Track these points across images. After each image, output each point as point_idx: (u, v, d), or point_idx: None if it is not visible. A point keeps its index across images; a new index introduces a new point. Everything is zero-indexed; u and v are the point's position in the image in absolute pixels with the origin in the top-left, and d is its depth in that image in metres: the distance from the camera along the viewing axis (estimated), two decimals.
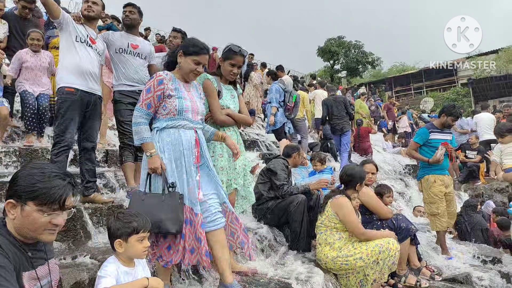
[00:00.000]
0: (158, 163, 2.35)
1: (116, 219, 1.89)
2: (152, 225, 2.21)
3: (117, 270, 1.81)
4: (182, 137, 2.46)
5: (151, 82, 2.47)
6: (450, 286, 3.77)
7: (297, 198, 3.70)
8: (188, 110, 2.50)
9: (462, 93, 26.56)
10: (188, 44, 2.54)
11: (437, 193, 4.59)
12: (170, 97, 2.45)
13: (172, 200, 2.30)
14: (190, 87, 2.63)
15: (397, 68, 41.82)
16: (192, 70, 2.52)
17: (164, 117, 2.48)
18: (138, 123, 2.43)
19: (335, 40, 34.62)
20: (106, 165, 4.70)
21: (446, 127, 4.76)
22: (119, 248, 1.85)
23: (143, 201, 2.32)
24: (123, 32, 3.85)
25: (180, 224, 2.28)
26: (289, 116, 6.87)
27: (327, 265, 3.25)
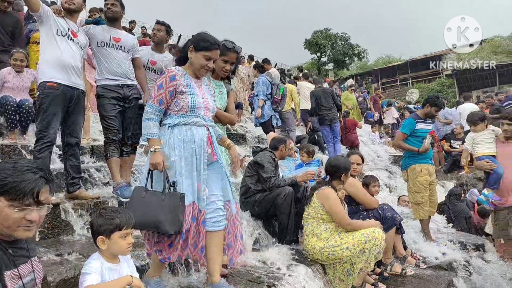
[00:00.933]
0: (160, 159, 2.29)
1: (98, 216, 1.86)
2: (150, 225, 2.21)
3: (101, 267, 1.79)
4: (195, 135, 2.42)
5: (163, 78, 2.43)
6: (434, 273, 3.86)
7: (284, 191, 3.72)
8: (200, 107, 2.46)
9: (447, 84, 26.97)
10: (199, 39, 2.48)
11: (423, 182, 4.68)
12: (182, 93, 2.41)
13: (172, 201, 2.23)
14: (201, 83, 2.59)
15: (383, 60, 42.21)
16: (203, 66, 2.47)
17: (176, 114, 2.43)
18: (148, 118, 2.38)
19: (321, 32, 34.69)
20: (92, 160, 4.64)
21: (430, 117, 4.88)
22: (102, 245, 1.82)
23: (143, 198, 2.28)
24: (105, 25, 3.78)
25: (179, 225, 2.22)
26: (277, 108, 6.89)
27: (315, 256, 3.28)
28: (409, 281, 3.60)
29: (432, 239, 4.80)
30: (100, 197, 3.39)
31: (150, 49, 4.25)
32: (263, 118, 6.70)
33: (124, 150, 3.75)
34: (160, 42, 4.26)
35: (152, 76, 4.17)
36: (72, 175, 3.28)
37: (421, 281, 3.60)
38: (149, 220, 2.21)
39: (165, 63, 4.24)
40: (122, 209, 1.96)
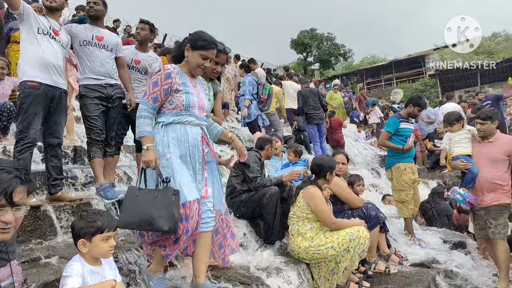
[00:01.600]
0: (152, 157, 2.26)
1: (79, 218, 1.83)
2: (145, 223, 2.17)
3: (83, 269, 1.76)
4: (188, 134, 2.41)
5: (158, 75, 2.41)
6: (417, 271, 3.92)
7: (270, 190, 3.72)
8: (195, 106, 2.45)
9: (430, 84, 27.41)
10: (196, 38, 2.47)
11: (407, 181, 4.78)
12: (177, 91, 2.41)
13: (165, 196, 2.20)
14: (197, 82, 2.58)
15: (368, 60, 42.67)
16: (200, 65, 2.47)
17: (170, 112, 2.43)
18: (142, 116, 2.38)
19: (307, 32, 34.84)
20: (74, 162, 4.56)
21: (412, 117, 5.04)
22: (83, 248, 1.79)
23: (136, 197, 2.24)
24: (87, 24, 3.72)
25: (174, 221, 2.17)
26: (263, 108, 6.90)
27: (300, 255, 3.30)
28: (392, 279, 3.65)
29: (415, 237, 4.89)
30: (83, 198, 3.33)
31: (134, 48, 4.20)
32: (250, 118, 6.71)
33: (107, 151, 3.70)
34: (144, 41, 4.21)
35: (136, 76, 4.13)
36: (54, 176, 3.22)
37: (404, 279, 3.65)
38: (143, 219, 2.18)
39: (150, 63, 4.21)
40: (104, 211, 1.93)
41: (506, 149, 3.85)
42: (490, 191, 3.87)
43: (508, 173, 3.86)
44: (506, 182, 3.84)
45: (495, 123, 3.94)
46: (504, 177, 3.84)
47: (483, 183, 3.92)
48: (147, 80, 4.26)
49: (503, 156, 3.85)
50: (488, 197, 3.89)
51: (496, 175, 3.85)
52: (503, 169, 3.85)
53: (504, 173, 3.85)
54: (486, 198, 3.89)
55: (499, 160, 3.86)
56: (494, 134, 3.97)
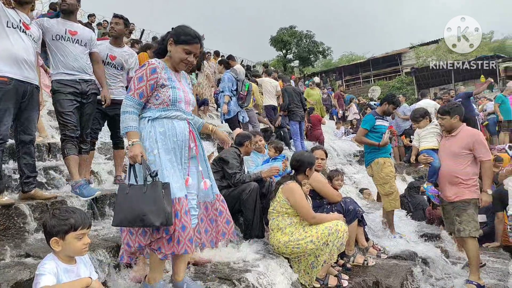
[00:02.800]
0: (138, 151, 2.21)
1: (52, 216, 1.78)
2: (135, 219, 2.12)
3: (56, 268, 1.72)
4: (176, 128, 2.38)
5: (143, 70, 2.36)
6: (394, 263, 4.01)
7: (249, 186, 3.72)
8: (181, 101, 2.43)
9: (406, 82, 28.00)
10: (180, 32, 2.42)
11: (389, 173, 4.89)
12: (163, 86, 2.37)
13: (154, 191, 2.14)
14: (181, 76, 2.55)
15: (346, 57, 43.22)
16: (183, 60, 2.43)
17: (156, 107, 2.38)
18: (126, 111, 2.31)
19: (287, 29, 34.95)
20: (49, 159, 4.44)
21: (387, 114, 5.20)
22: (56, 247, 1.75)
23: (127, 194, 2.18)
24: (59, 18, 3.62)
25: (165, 215, 2.11)
26: (242, 105, 6.88)
27: (280, 249, 3.31)
28: (370, 271, 3.71)
29: (394, 231, 4.99)
30: (58, 196, 3.24)
31: (109, 44, 4.12)
32: (229, 114, 6.68)
33: (82, 148, 3.62)
34: (118, 36, 4.13)
35: (112, 71, 4.05)
36: (26, 174, 3.12)
37: (382, 271, 3.72)
38: (134, 215, 2.12)
39: (125, 58, 4.14)
40: (77, 209, 1.88)
41: (466, 143, 3.85)
42: (452, 185, 3.91)
43: (471, 167, 3.85)
44: (469, 176, 3.83)
45: (455, 118, 3.95)
46: (466, 171, 3.83)
47: (444, 177, 3.99)
48: (123, 75, 4.18)
49: (463, 150, 3.86)
50: (451, 192, 3.92)
51: (456, 169, 3.87)
52: (465, 163, 3.85)
53: (466, 167, 3.84)
54: (449, 193, 3.94)
55: (459, 154, 3.87)
56: (456, 128, 3.98)
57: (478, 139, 3.85)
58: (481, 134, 3.97)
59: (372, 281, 3.44)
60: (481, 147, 3.81)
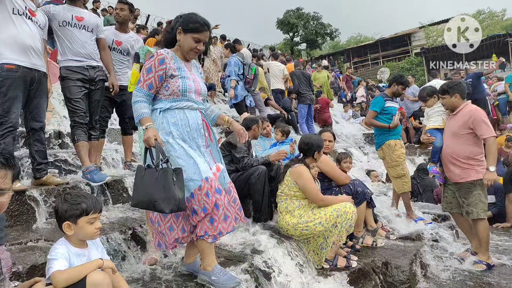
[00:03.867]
0: (152, 134, 2.19)
1: (64, 201, 1.80)
2: (149, 203, 2.16)
3: (68, 252, 1.75)
4: (189, 118, 2.36)
5: (151, 61, 2.33)
6: (403, 244, 4.02)
7: (257, 170, 3.73)
8: (191, 91, 2.40)
9: (416, 62, 27.52)
10: (188, 20, 2.38)
11: (400, 155, 4.84)
12: (172, 77, 2.35)
13: (165, 178, 2.13)
14: (191, 66, 2.52)
15: (354, 39, 42.53)
16: (192, 48, 2.39)
17: (167, 98, 2.37)
18: (138, 101, 2.31)
19: (293, 12, 34.43)
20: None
21: (396, 95, 5.06)
22: (69, 231, 1.78)
23: (142, 178, 2.20)
24: (65, 4, 3.61)
25: (175, 202, 2.11)
26: (249, 89, 6.86)
27: (289, 232, 3.35)
28: (379, 252, 3.73)
29: (413, 213, 4.94)
30: (70, 182, 3.30)
31: (114, 29, 4.10)
32: (237, 98, 6.67)
33: (92, 134, 3.66)
34: (124, 22, 4.12)
35: (118, 57, 4.05)
36: (38, 161, 3.17)
37: (391, 252, 3.74)
38: (146, 200, 2.16)
39: (131, 44, 4.13)
40: (88, 193, 1.91)
41: (465, 121, 3.75)
42: (454, 166, 3.84)
43: (474, 147, 3.72)
44: (471, 156, 3.71)
45: (456, 96, 3.87)
46: (468, 151, 3.72)
47: (446, 157, 3.93)
48: (129, 61, 4.18)
49: (462, 129, 3.77)
50: (455, 173, 3.84)
51: (456, 148, 3.80)
52: (466, 143, 3.75)
53: (467, 147, 3.74)
54: (453, 174, 3.87)
55: (459, 134, 3.79)
56: (458, 106, 3.89)
57: (476, 117, 3.70)
58: (480, 111, 3.76)
59: (381, 262, 3.47)
60: (481, 124, 3.66)
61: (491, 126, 3.73)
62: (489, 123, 3.75)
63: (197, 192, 2.24)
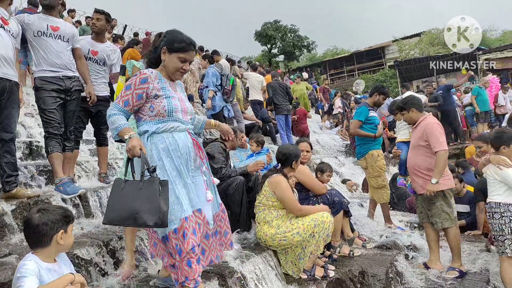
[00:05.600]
0: (136, 143, 2.05)
1: (44, 213, 1.75)
2: (127, 217, 1.99)
3: (38, 267, 1.69)
4: (178, 142, 2.26)
5: (133, 79, 2.25)
6: (379, 253, 4.09)
7: (235, 180, 3.74)
8: (178, 110, 2.31)
9: (390, 75, 28.31)
10: (173, 39, 2.30)
11: (381, 166, 4.92)
12: (157, 97, 2.25)
13: (150, 188, 2.00)
14: (176, 86, 2.44)
15: (331, 52, 43.44)
16: (178, 68, 2.32)
17: (152, 119, 2.27)
18: (112, 114, 2.19)
19: (271, 24, 34.89)
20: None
21: (377, 105, 5.14)
22: (61, 241, 1.76)
23: (122, 190, 2.06)
24: (40, 14, 3.56)
25: (160, 215, 1.96)
26: (228, 99, 6.88)
27: (267, 242, 3.35)
28: (356, 261, 3.78)
29: (392, 223, 5.03)
30: (41, 195, 3.19)
31: (90, 39, 4.05)
32: (215, 109, 6.67)
33: (66, 145, 3.58)
34: (100, 32, 4.07)
35: (93, 67, 4.00)
36: (8, 173, 3.06)
37: (367, 261, 3.79)
38: (126, 213, 2.00)
39: (107, 53, 4.08)
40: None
41: (421, 134, 3.87)
42: (416, 177, 3.95)
43: (434, 158, 3.77)
44: (432, 167, 3.77)
45: (412, 110, 4.00)
46: (427, 162, 3.81)
47: (409, 169, 4.06)
48: (105, 71, 4.14)
49: (420, 141, 3.88)
50: (418, 184, 3.95)
51: (416, 160, 3.92)
52: (425, 155, 3.84)
53: (427, 158, 3.82)
54: (416, 185, 3.98)
55: (419, 146, 3.90)
56: (416, 120, 4.01)
57: (428, 130, 3.82)
58: (434, 125, 3.85)
59: (358, 271, 3.51)
60: (432, 137, 3.78)
61: (443, 140, 3.79)
62: (442, 136, 3.81)
63: (172, 236, 2.14)
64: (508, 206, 3.37)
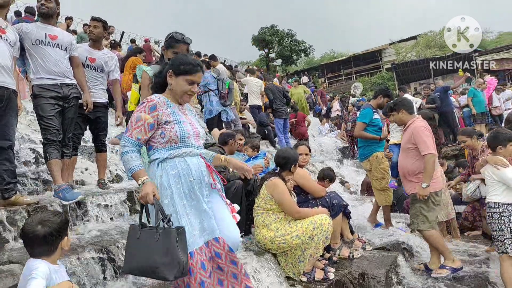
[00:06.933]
0: (149, 189, 1.99)
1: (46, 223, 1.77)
2: (147, 270, 1.96)
3: (49, 269, 1.75)
4: (190, 166, 2.19)
5: (141, 108, 2.16)
6: (379, 254, 4.09)
7: (234, 184, 3.74)
8: (190, 136, 2.24)
9: (387, 77, 28.45)
10: (178, 62, 2.25)
11: (386, 168, 4.92)
12: (167, 123, 2.18)
13: (167, 240, 1.92)
14: (185, 109, 2.37)
15: (328, 55, 43.62)
16: (186, 92, 2.25)
17: (164, 146, 2.19)
18: (126, 152, 2.11)
19: (268, 29, 35.03)
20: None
21: (381, 108, 5.11)
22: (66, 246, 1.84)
23: (138, 239, 1.98)
24: (38, 22, 3.58)
25: (179, 267, 1.91)
26: (225, 103, 6.88)
27: (266, 246, 3.35)
28: (356, 263, 3.78)
29: (392, 225, 5.04)
30: (39, 202, 3.20)
31: (88, 46, 4.08)
32: (211, 113, 6.68)
33: (65, 152, 3.59)
34: (97, 39, 4.10)
35: (91, 74, 4.02)
36: (7, 180, 3.07)
37: (367, 262, 3.80)
38: (145, 266, 1.94)
39: (105, 60, 4.11)
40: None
41: (409, 137, 3.89)
42: (405, 179, 4.00)
43: (421, 161, 3.80)
44: (419, 170, 3.81)
45: (402, 112, 4.02)
46: (415, 165, 3.85)
47: (399, 171, 4.10)
48: (103, 78, 4.16)
49: (408, 144, 3.91)
50: (407, 186, 4.01)
51: (405, 163, 3.96)
52: (413, 157, 3.87)
53: (415, 161, 3.85)
54: (406, 186, 4.03)
55: (407, 149, 3.94)
56: (405, 122, 4.04)
57: (416, 133, 3.84)
58: (420, 128, 3.86)
59: (358, 273, 3.51)
60: (419, 141, 3.80)
61: (430, 143, 3.80)
62: (429, 139, 3.82)
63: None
64: (507, 206, 3.39)
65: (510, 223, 3.35)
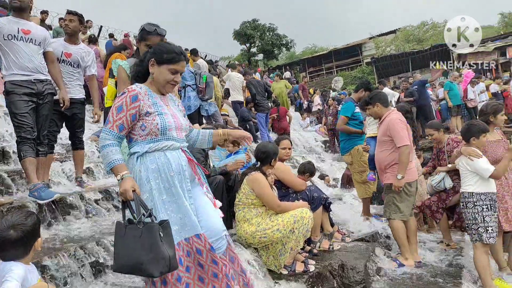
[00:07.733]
0: (128, 185, 1.94)
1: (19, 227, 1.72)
2: (134, 267, 1.91)
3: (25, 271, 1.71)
4: (171, 161, 2.13)
5: (122, 98, 2.08)
6: (358, 245, 4.18)
7: (215, 179, 3.74)
8: (172, 128, 2.17)
9: (367, 71, 28.78)
10: (161, 50, 2.18)
11: (366, 161, 5.01)
12: (148, 114, 2.11)
13: (151, 235, 1.87)
14: (168, 100, 2.30)
15: (309, 50, 43.81)
16: (169, 81, 2.18)
17: (143, 139, 2.13)
18: (106, 145, 2.03)
19: (250, 23, 34.91)
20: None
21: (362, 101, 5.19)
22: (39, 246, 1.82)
23: (123, 237, 1.92)
24: (10, 16, 3.47)
25: (165, 262, 1.88)
26: (203, 97, 6.79)
27: (247, 240, 3.37)
28: (336, 255, 3.84)
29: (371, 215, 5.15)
30: (14, 201, 3.12)
31: (63, 41, 3.98)
32: (190, 109, 6.61)
33: (40, 150, 3.50)
34: (73, 34, 4.00)
35: (67, 69, 3.93)
36: None
37: (347, 254, 3.87)
38: (132, 264, 1.90)
39: (81, 55, 4.02)
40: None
41: (385, 130, 3.98)
42: (381, 171, 4.09)
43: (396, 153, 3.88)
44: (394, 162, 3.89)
45: (377, 105, 4.10)
46: (390, 157, 3.94)
47: (376, 164, 4.20)
48: (79, 73, 4.07)
49: (384, 137, 4.00)
50: (383, 177, 4.11)
51: (380, 155, 4.05)
52: (388, 150, 3.96)
53: (391, 153, 3.93)
54: (382, 177, 4.13)
55: (382, 141, 4.03)
56: (381, 115, 4.11)
57: (391, 125, 3.92)
58: (395, 120, 3.93)
59: (338, 264, 3.58)
60: (394, 133, 3.88)
61: (404, 135, 3.88)
62: (404, 131, 3.90)
63: None
64: (480, 195, 3.50)
65: (483, 212, 3.47)
